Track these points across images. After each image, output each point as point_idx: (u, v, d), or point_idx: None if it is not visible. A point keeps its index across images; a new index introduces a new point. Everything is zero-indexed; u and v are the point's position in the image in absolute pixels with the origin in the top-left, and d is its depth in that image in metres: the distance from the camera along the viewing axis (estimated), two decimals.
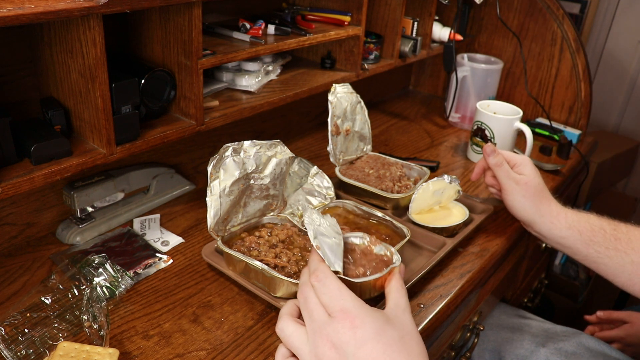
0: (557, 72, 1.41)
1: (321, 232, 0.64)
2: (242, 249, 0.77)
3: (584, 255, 0.86)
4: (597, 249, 0.84)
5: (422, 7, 1.32)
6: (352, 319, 0.54)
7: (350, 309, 0.55)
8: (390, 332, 0.54)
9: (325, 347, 0.54)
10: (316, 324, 0.55)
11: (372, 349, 0.53)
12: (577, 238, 0.85)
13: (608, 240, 0.83)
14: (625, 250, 0.82)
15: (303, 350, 0.56)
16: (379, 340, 0.53)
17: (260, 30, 0.96)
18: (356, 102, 1.05)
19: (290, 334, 0.57)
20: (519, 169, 0.91)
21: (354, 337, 0.53)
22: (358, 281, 0.63)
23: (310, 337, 0.55)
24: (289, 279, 0.70)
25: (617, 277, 0.84)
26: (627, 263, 0.82)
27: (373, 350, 0.53)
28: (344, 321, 0.54)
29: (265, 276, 0.72)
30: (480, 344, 1.08)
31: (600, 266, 0.85)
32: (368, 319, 0.54)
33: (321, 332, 0.54)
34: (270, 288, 0.73)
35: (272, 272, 0.71)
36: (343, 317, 0.54)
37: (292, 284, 0.70)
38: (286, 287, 0.71)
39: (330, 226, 0.67)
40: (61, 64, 0.73)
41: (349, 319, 0.54)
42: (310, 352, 0.55)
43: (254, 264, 0.72)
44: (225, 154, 0.77)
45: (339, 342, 0.53)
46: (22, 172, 0.67)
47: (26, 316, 0.70)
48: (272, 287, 0.73)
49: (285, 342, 0.58)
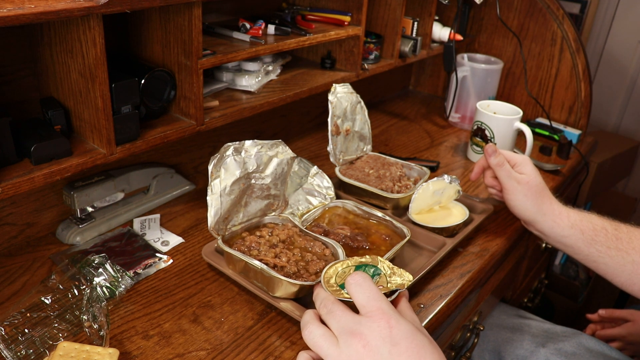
0: (557, 72, 1.41)
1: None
2: (242, 248, 0.77)
3: (585, 254, 0.86)
4: (599, 249, 0.84)
5: (422, 7, 1.32)
6: (388, 319, 0.56)
7: (387, 310, 0.57)
8: (420, 336, 0.57)
9: (359, 345, 0.55)
10: (349, 324, 0.57)
11: (407, 347, 0.55)
12: (579, 237, 0.85)
13: (610, 239, 0.84)
14: (626, 249, 0.82)
15: (333, 352, 0.57)
16: (413, 340, 0.56)
17: (260, 30, 0.96)
18: (356, 102, 1.05)
19: (321, 335, 0.58)
20: (519, 168, 0.91)
21: (389, 335, 0.55)
22: None
23: (342, 337, 0.57)
24: (287, 279, 0.70)
25: (617, 277, 0.84)
26: (628, 263, 0.82)
27: (408, 348, 0.55)
28: (381, 320, 0.56)
29: (264, 276, 0.73)
30: (480, 344, 1.08)
31: (600, 265, 0.85)
32: (402, 321, 0.57)
33: (355, 330, 0.56)
34: (269, 288, 0.73)
35: (271, 271, 0.71)
36: (380, 316, 0.56)
37: (290, 284, 0.70)
38: (285, 287, 0.71)
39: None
40: (61, 64, 0.73)
41: (385, 318, 0.56)
42: (340, 353, 0.56)
43: (253, 264, 0.72)
44: (226, 153, 0.77)
45: (374, 340, 0.55)
46: (22, 172, 0.67)
47: (26, 316, 0.70)
48: (271, 287, 0.73)
49: (314, 345, 0.59)
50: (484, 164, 0.96)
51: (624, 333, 1.18)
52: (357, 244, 0.83)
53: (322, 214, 0.91)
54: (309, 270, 0.74)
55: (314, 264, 0.75)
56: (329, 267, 0.70)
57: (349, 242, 0.84)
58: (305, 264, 0.75)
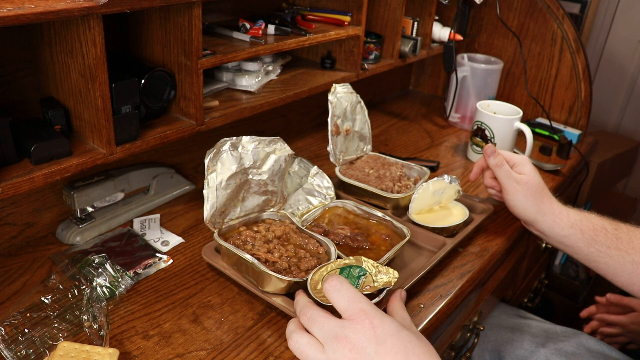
0: (557, 72, 1.41)
1: None
2: (237, 242, 0.78)
3: (585, 254, 0.86)
4: (599, 248, 0.84)
5: (422, 7, 1.32)
6: (371, 319, 0.56)
7: (369, 310, 0.57)
8: (406, 332, 0.57)
9: (345, 349, 0.55)
10: (333, 330, 0.57)
11: (393, 345, 0.55)
12: (579, 237, 0.85)
13: (610, 239, 0.84)
14: (626, 249, 0.82)
15: (320, 358, 0.57)
16: (398, 337, 0.56)
17: (260, 30, 0.96)
18: (356, 102, 1.05)
19: (306, 343, 0.59)
20: (518, 168, 0.91)
21: (374, 336, 0.55)
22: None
23: (328, 343, 0.57)
24: (276, 274, 0.70)
25: (617, 277, 0.84)
26: (628, 262, 0.82)
27: (394, 346, 0.55)
28: (364, 322, 0.56)
29: (255, 270, 0.73)
30: (480, 344, 1.08)
31: (600, 265, 0.85)
32: (386, 319, 0.57)
33: (339, 334, 0.56)
34: (258, 282, 0.74)
35: (261, 266, 0.71)
36: (362, 318, 0.56)
37: (279, 279, 0.71)
38: (274, 282, 0.72)
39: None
40: (61, 64, 0.73)
41: (367, 319, 0.56)
42: (327, 359, 0.56)
43: (244, 257, 0.73)
44: (222, 148, 0.77)
45: (360, 342, 0.55)
46: (22, 172, 0.67)
47: (26, 316, 0.70)
48: (261, 282, 0.73)
49: (301, 354, 0.59)
50: (483, 164, 0.96)
51: (627, 322, 1.18)
52: (357, 244, 0.83)
53: (322, 214, 0.91)
54: (300, 267, 0.74)
55: (306, 261, 0.75)
56: (314, 272, 0.70)
57: (349, 242, 0.84)
58: (298, 261, 0.76)
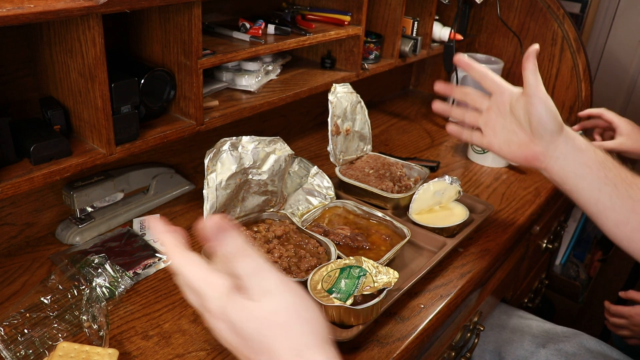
0: (557, 72, 1.41)
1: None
2: None
3: (596, 198, 0.75)
4: (610, 193, 0.74)
5: (422, 6, 1.32)
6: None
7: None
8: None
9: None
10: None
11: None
12: (598, 176, 0.75)
13: (627, 183, 0.73)
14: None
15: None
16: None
17: (260, 30, 0.96)
18: (356, 101, 1.04)
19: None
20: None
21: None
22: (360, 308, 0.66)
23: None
24: None
25: (620, 227, 0.74)
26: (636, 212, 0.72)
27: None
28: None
29: None
30: (480, 344, 1.08)
31: (607, 212, 0.75)
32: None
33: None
34: None
35: None
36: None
37: None
38: None
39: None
40: (61, 63, 0.73)
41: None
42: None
43: None
44: (222, 148, 0.77)
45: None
46: (22, 172, 0.67)
47: (25, 316, 0.70)
48: None
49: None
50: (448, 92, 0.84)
51: (633, 313, 1.18)
52: (357, 244, 0.83)
53: (322, 214, 0.91)
54: (300, 267, 0.74)
55: (306, 261, 0.75)
56: (314, 272, 0.70)
57: (349, 242, 0.83)
58: (298, 261, 0.75)
